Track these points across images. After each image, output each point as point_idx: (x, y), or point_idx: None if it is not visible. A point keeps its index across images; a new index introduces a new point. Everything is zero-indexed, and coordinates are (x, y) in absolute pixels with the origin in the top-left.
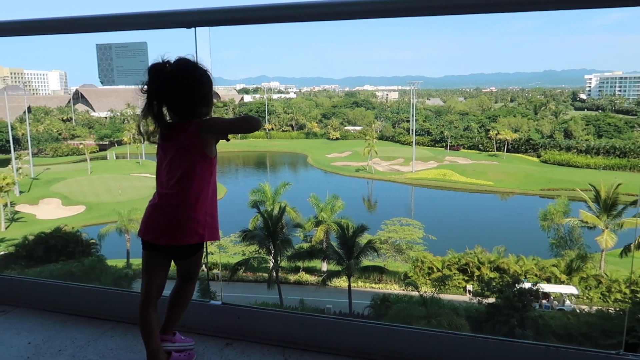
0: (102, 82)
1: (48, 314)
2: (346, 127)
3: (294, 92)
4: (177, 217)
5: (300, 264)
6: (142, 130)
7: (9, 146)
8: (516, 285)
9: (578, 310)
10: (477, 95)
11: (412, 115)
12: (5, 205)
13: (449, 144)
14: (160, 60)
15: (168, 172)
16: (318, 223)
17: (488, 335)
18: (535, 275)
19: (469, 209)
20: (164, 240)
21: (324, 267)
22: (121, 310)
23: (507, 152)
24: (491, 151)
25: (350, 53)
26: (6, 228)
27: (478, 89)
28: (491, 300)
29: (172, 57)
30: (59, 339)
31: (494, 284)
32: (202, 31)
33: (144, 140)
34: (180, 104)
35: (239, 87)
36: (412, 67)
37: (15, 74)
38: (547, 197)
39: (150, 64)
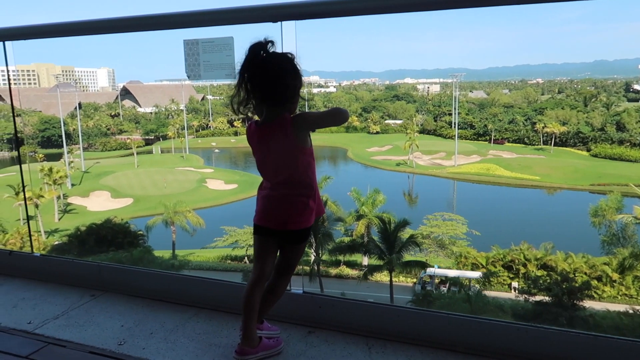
0: (188, 77)
1: (135, 299)
2: (387, 121)
3: (334, 86)
4: (293, 205)
5: (341, 257)
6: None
7: (62, 141)
8: (565, 283)
9: (631, 311)
10: (522, 87)
11: (455, 109)
12: (59, 197)
13: (492, 137)
14: (263, 40)
15: (274, 167)
16: (359, 217)
17: (580, 331)
18: (585, 273)
19: (514, 204)
20: (280, 226)
21: (365, 261)
22: (203, 297)
23: (554, 145)
24: (537, 145)
25: (390, 46)
26: (59, 219)
27: (523, 81)
28: (538, 298)
29: (275, 41)
30: (149, 322)
31: (541, 281)
32: (288, 25)
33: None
34: (269, 89)
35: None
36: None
37: (66, 71)
38: (597, 193)
39: (235, 57)
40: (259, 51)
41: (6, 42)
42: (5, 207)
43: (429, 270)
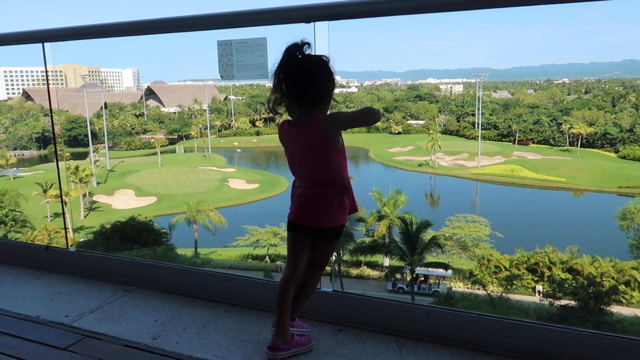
0: (222, 77)
1: (167, 294)
2: (408, 121)
3: (356, 86)
4: (328, 203)
5: (362, 258)
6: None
7: (88, 140)
8: (592, 287)
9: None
10: (548, 87)
11: (478, 109)
12: (84, 195)
13: (517, 138)
14: (299, 42)
15: (306, 166)
16: (380, 218)
17: (617, 334)
18: (612, 278)
19: (539, 206)
20: (315, 224)
21: (386, 262)
22: (234, 294)
23: (581, 147)
24: (563, 146)
25: (412, 45)
26: (85, 217)
27: (549, 81)
28: (564, 302)
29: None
30: (182, 318)
31: (567, 285)
32: (321, 25)
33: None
34: (303, 91)
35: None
36: (477, 58)
37: (92, 72)
38: (625, 195)
39: (268, 58)
40: (294, 52)
41: (45, 44)
42: (33, 205)
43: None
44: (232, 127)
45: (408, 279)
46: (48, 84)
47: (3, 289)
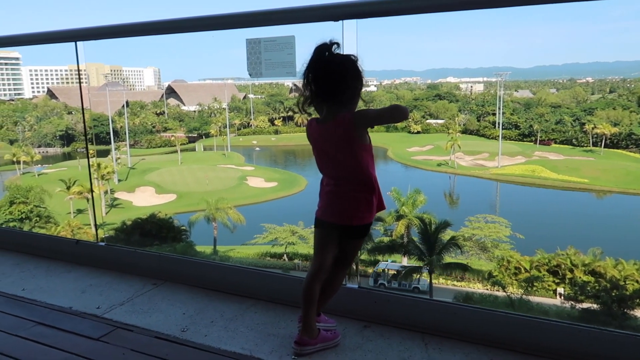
0: (250, 75)
1: (194, 288)
2: (428, 121)
3: (375, 85)
4: (356, 201)
5: (380, 257)
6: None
7: (110, 138)
8: (615, 290)
9: None
10: (571, 86)
11: (499, 108)
12: (106, 192)
13: (538, 138)
14: (328, 42)
15: (334, 164)
16: (399, 217)
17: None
18: (637, 281)
19: (561, 207)
20: (342, 221)
21: (404, 261)
22: (260, 288)
23: (604, 147)
24: (586, 146)
25: (432, 44)
26: (106, 213)
27: (572, 80)
28: (585, 305)
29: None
30: (209, 311)
31: (589, 288)
32: (350, 24)
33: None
34: (332, 89)
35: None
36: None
37: (115, 71)
38: None
39: (296, 56)
40: (323, 52)
41: (78, 42)
42: (57, 201)
43: (382, 264)
44: (251, 125)
45: (390, 275)
46: (80, 81)
47: (37, 281)
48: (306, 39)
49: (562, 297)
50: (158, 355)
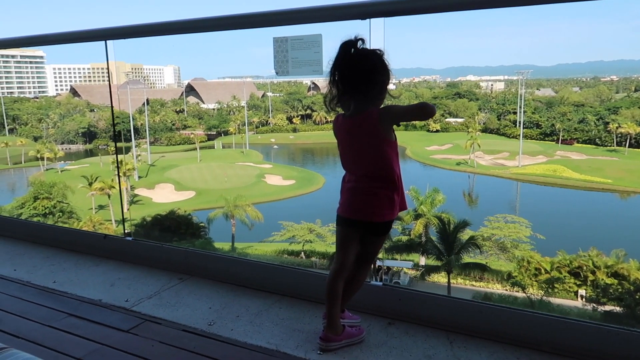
0: (277, 73)
1: (219, 283)
2: (447, 119)
3: (393, 84)
4: (378, 198)
5: (397, 256)
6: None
7: (130, 135)
8: (639, 293)
9: None
10: (594, 84)
11: (520, 107)
12: (127, 188)
13: (560, 137)
14: (353, 38)
15: (358, 160)
16: (417, 216)
17: None
18: None
19: (583, 207)
20: (364, 218)
21: (422, 261)
22: (285, 284)
23: (629, 147)
24: (610, 146)
25: (452, 42)
26: (128, 209)
27: (596, 78)
28: (608, 308)
29: (365, 39)
30: (234, 306)
31: (612, 290)
32: (377, 22)
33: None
34: (359, 85)
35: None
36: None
37: (135, 69)
38: None
39: (323, 54)
40: (349, 48)
41: (107, 41)
42: (79, 197)
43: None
44: (269, 123)
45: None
46: (110, 79)
47: (67, 274)
48: (334, 37)
49: (584, 299)
50: (186, 348)
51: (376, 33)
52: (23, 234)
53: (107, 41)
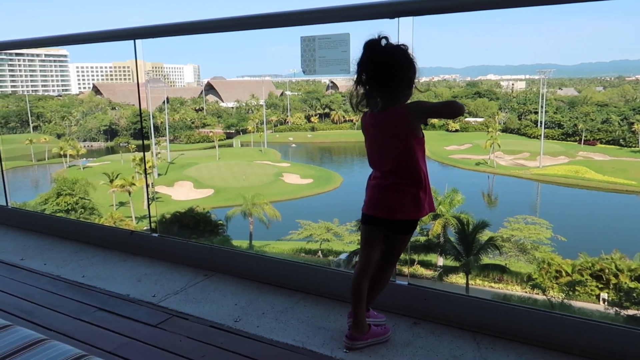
0: (304, 72)
1: (244, 280)
2: (466, 119)
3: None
4: (403, 194)
5: (415, 256)
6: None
7: (150, 133)
8: None
9: None
10: (619, 84)
11: (542, 107)
12: (148, 185)
13: (583, 138)
14: (377, 37)
15: (385, 155)
16: (435, 216)
17: None
18: None
19: (606, 209)
20: (388, 215)
21: (440, 261)
22: (309, 282)
23: None
24: (635, 147)
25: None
26: (147, 206)
27: (620, 77)
28: (631, 312)
29: (390, 37)
30: (260, 303)
31: (635, 294)
32: (406, 21)
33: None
34: (386, 81)
35: (351, 78)
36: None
37: (156, 68)
38: None
39: (350, 53)
40: (374, 46)
41: (137, 40)
42: (100, 194)
43: (342, 255)
44: (287, 122)
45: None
46: (138, 78)
47: (95, 269)
48: (361, 36)
49: (606, 303)
50: (213, 344)
51: (404, 32)
52: (52, 229)
53: (136, 40)
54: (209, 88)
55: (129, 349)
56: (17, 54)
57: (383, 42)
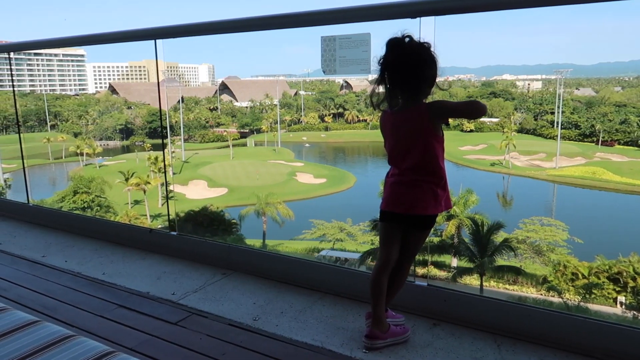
0: (324, 72)
1: (262, 279)
2: (482, 119)
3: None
4: (421, 190)
5: (428, 257)
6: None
7: (165, 132)
8: None
9: None
10: (638, 84)
11: (558, 107)
12: (162, 184)
13: (600, 138)
14: (400, 35)
15: (405, 152)
16: (449, 217)
17: None
18: None
19: (624, 212)
20: (407, 210)
21: (454, 262)
22: (327, 282)
23: None
24: None
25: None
26: (162, 205)
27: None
28: None
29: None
30: (278, 302)
31: None
32: (427, 21)
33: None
34: (409, 79)
35: (370, 77)
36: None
37: (171, 67)
38: None
39: (371, 53)
40: (398, 45)
41: (157, 40)
42: (116, 192)
43: (323, 252)
44: (301, 122)
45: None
46: (158, 78)
47: (115, 266)
48: (382, 36)
49: (623, 306)
50: (233, 342)
51: (426, 32)
52: (72, 226)
53: (157, 40)
54: (224, 87)
55: (151, 346)
56: (35, 54)
57: (407, 40)
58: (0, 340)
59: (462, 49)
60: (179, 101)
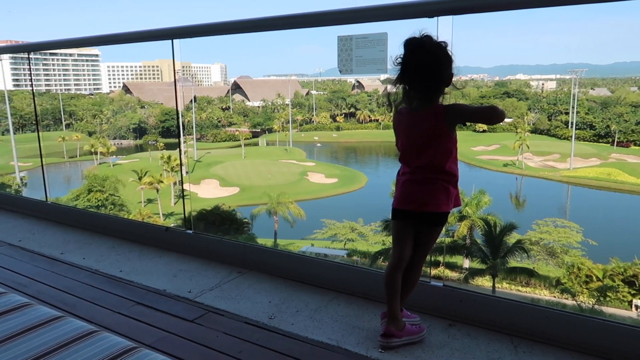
0: (340, 72)
1: (277, 278)
2: None
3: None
4: (434, 187)
5: (440, 258)
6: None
7: (185, 131)
8: None
9: None
10: None
11: (573, 107)
12: (175, 183)
13: (616, 139)
14: (419, 35)
15: (418, 151)
16: (462, 218)
17: None
18: None
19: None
20: (419, 207)
21: (466, 263)
22: (342, 282)
23: None
24: None
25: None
26: (175, 203)
27: None
28: None
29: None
30: (294, 301)
31: None
32: (445, 20)
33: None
34: (428, 79)
35: (383, 77)
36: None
37: (185, 67)
38: None
39: (388, 53)
40: (416, 45)
41: (174, 40)
42: (129, 190)
43: (303, 248)
44: (313, 121)
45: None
46: (175, 78)
47: (132, 264)
48: (399, 35)
49: (639, 310)
50: (249, 340)
51: (443, 32)
52: (89, 224)
53: (174, 40)
54: (236, 87)
55: (168, 343)
56: (51, 54)
57: (426, 40)
58: (26, 335)
59: (475, 48)
60: (191, 100)
